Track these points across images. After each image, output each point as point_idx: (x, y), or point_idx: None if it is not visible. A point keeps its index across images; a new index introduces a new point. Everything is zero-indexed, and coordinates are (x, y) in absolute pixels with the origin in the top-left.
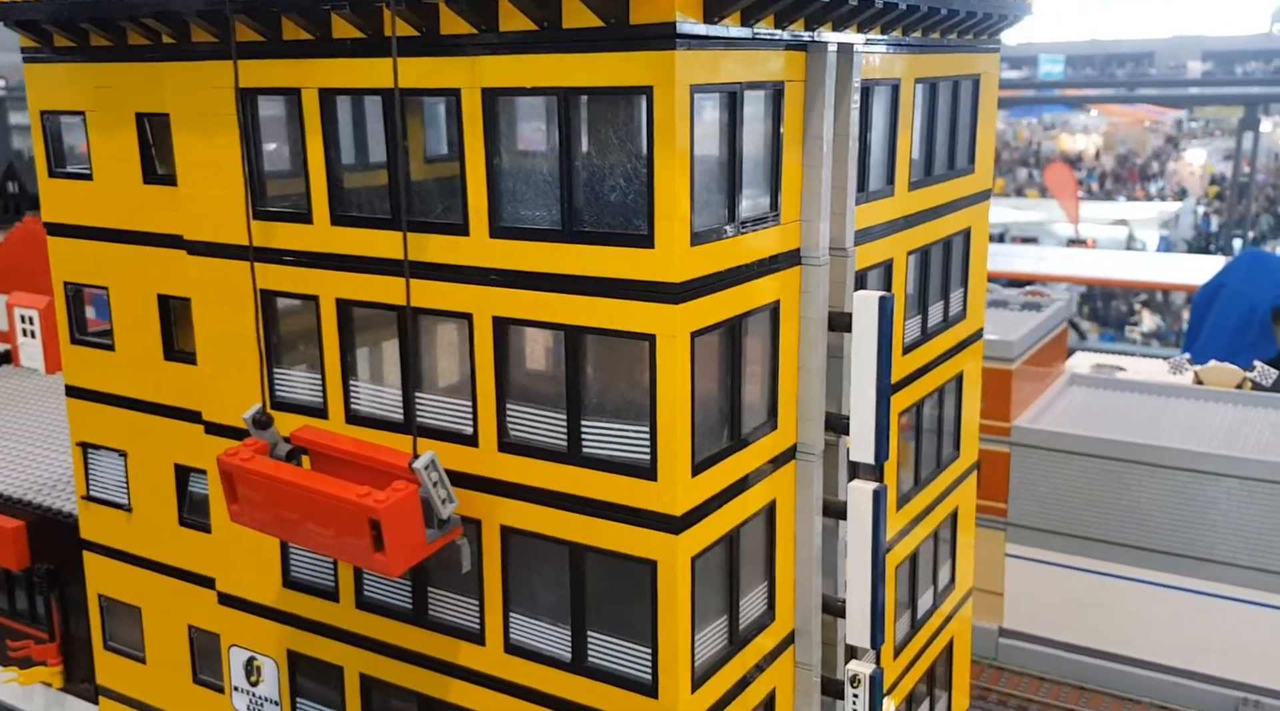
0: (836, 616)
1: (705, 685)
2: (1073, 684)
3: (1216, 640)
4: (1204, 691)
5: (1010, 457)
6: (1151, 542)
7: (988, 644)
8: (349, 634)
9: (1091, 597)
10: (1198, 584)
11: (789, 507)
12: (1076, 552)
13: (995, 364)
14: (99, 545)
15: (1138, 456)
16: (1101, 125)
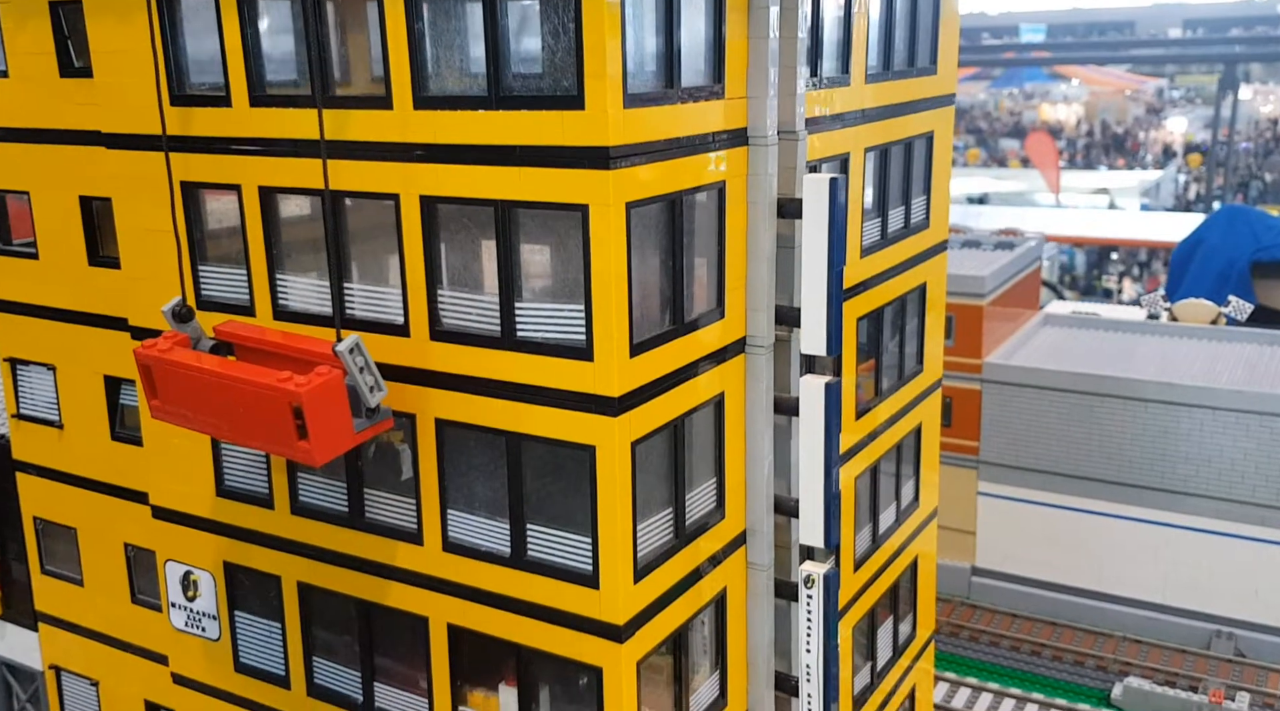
0: (790, 516)
1: (649, 577)
2: (1045, 620)
3: (1189, 573)
4: (1177, 625)
5: (982, 395)
6: (1124, 477)
7: (959, 582)
8: (285, 541)
9: (1063, 534)
10: (1170, 517)
11: (739, 402)
12: (1049, 489)
13: (967, 300)
14: (32, 465)
15: (1111, 390)
16: (1083, 95)
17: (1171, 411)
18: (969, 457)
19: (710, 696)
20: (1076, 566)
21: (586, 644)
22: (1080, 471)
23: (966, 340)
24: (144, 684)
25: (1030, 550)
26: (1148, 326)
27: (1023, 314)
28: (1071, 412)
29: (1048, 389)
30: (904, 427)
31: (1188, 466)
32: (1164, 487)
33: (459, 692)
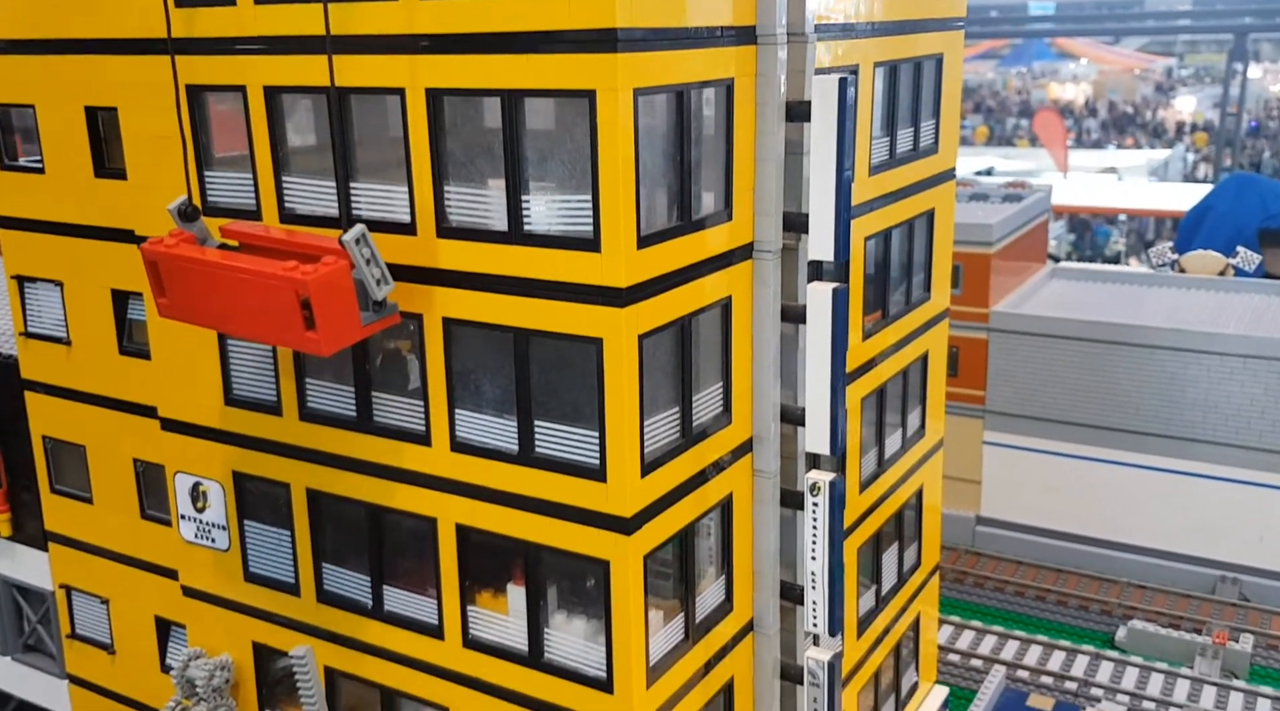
0: (796, 425)
1: (656, 473)
2: (1049, 567)
3: (1194, 519)
4: (1182, 571)
5: (988, 344)
6: (1131, 424)
7: (964, 531)
8: (293, 448)
9: (1069, 482)
10: (1176, 464)
11: (745, 307)
12: (1055, 438)
13: (974, 248)
14: (40, 384)
15: (1118, 337)
16: (1091, 74)
17: (1179, 358)
18: (975, 407)
19: (716, 600)
20: (1081, 514)
21: (594, 538)
22: (1087, 419)
23: (974, 289)
24: (154, 599)
25: (1035, 499)
26: (1156, 278)
27: (1030, 266)
28: (1079, 360)
29: (1055, 337)
30: (910, 354)
31: (1195, 412)
32: (1170, 434)
33: (468, 593)
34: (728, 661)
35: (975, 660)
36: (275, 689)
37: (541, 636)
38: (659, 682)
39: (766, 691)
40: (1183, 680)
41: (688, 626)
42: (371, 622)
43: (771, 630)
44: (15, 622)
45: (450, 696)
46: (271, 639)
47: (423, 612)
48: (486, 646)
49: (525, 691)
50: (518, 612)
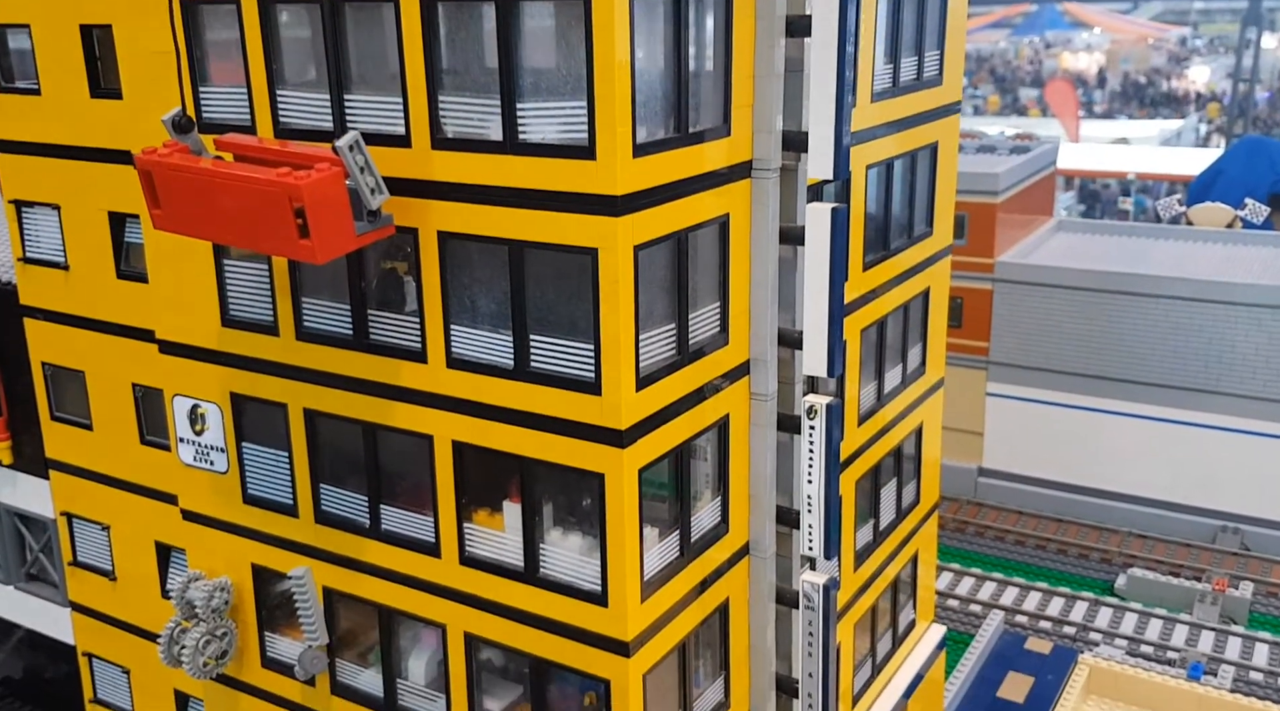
0: (794, 348)
1: (651, 388)
2: (1050, 517)
3: (1197, 470)
4: (1183, 521)
5: (993, 294)
6: (1136, 374)
7: (966, 483)
8: (290, 368)
9: (1072, 433)
10: (1179, 414)
11: (744, 227)
12: (1058, 389)
13: (980, 198)
14: (39, 310)
15: (1124, 286)
16: (1104, 43)
17: (1185, 307)
18: (978, 358)
19: (711, 521)
20: (1084, 465)
21: (589, 451)
22: (1091, 370)
23: (979, 239)
24: (154, 525)
25: (1038, 450)
26: (1163, 230)
27: (1036, 219)
28: (1084, 311)
29: (1061, 287)
30: (912, 289)
31: (1199, 362)
32: (1175, 384)
33: (464, 511)
34: (723, 583)
35: (974, 605)
36: (275, 612)
37: (537, 552)
38: (653, 598)
39: (761, 614)
40: (1181, 625)
41: (682, 545)
42: (369, 542)
43: (767, 553)
44: (18, 551)
45: (447, 613)
46: (270, 561)
47: (420, 531)
48: (483, 563)
49: (521, 607)
50: (514, 529)
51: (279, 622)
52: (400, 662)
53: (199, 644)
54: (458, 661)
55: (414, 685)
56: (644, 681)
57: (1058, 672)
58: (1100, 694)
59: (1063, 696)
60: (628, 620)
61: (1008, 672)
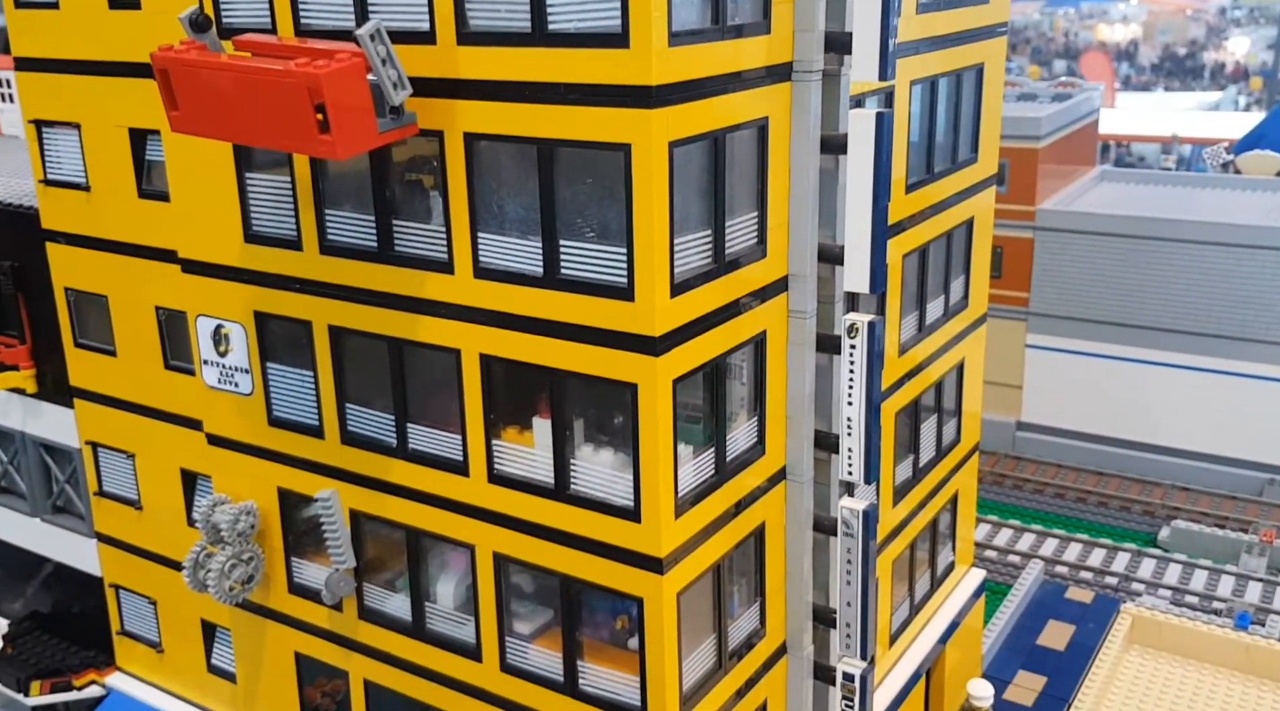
0: (834, 264)
1: (685, 295)
2: (1091, 470)
3: (1243, 421)
4: (1229, 474)
5: (1034, 243)
6: (1180, 324)
7: (1004, 437)
8: (314, 283)
9: (1114, 385)
10: (1225, 364)
11: (783, 131)
12: (1100, 339)
13: (1022, 143)
14: (61, 233)
15: (1169, 233)
16: (1141, 14)
17: (1232, 253)
18: (1018, 309)
19: (747, 441)
20: (1125, 418)
21: (621, 360)
22: (1136, 320)
23: (1020, 186)
24: (179, 451)
25: (1079, 403)
26: (1210, 179)
27: (1078, 168)
28: (1127, 259)
29: (1104, 235)
30: (955, 217)
31: (1246, 311)
32: (1221, 334)
33: (493, 428)
34: (758, 506)
35: (1012, 556)
36: (301, 537)
37: (568, 468)
38: (687, 516)
39: (798, 541)
40: (1227, 576)
41: (717, 464)
42: (396, 462)
43: (805, 478)
44: (44, 483)
45: (476, 534)
46: (296, 484)
47: (447, 449)
48: (512, 481)
49: (551, 524)
50: (544, 445)
51: (306, 548)
52: (429, 586)
53: (225, 567)
54: (487, 583)
55: (443, 609)
56: (677, 600)
57: (1099, 621)
58: (1144, 643)
59: (1104, 645)
60: (661, 536)
61: (1048, 621)
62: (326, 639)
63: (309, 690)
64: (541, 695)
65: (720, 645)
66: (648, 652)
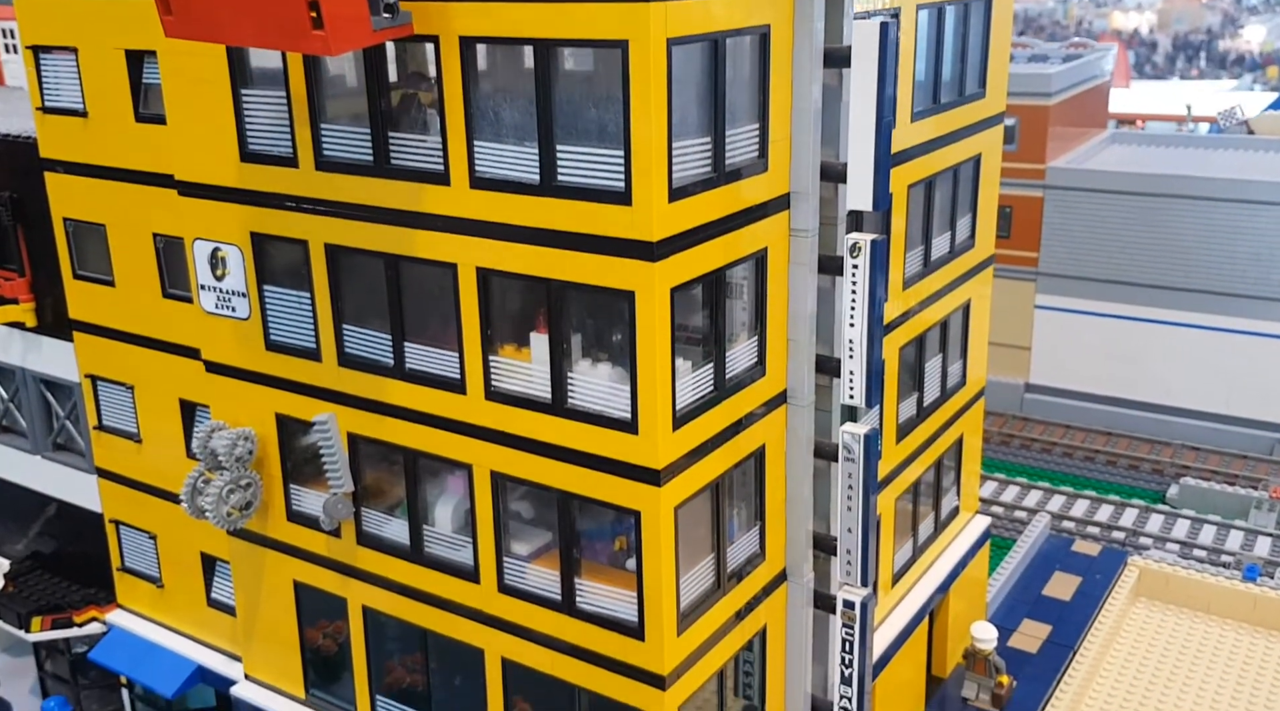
0: (836, 182)
1: (684, 201)
2: (1099, 430)
3: (1255, 380)
4: (1239, 434)
5: (1044, 202)
6: (1191, 282)
7: (1012, 399)
8: (311, 201)
9: (1124, 346)
10: (1237, 323)
11: (785, 41)
12: (1110, 299)
13: (1032, 100)
14: (60, 162)
15: (1181, 190)
16: (1156, 2)
17: (1245, 210)
18: (1027, 270)
19: (747, 362)
20: (1135, 378)
21: (619, 268)
22: (1147, 279)
23: (1030, 144)
24: (178, 382)
25: (1088, 364)
26: (1222, 141)
27: (1089, 131)
28: (1140, 217)
29: (1115, 192)
30: (962, 152)
31: (1259, 268)
32: (1233, 291)
33: (490, 345)
34: (759, 428)
35: (1019, 512)
36: (300, 466)
37: (565, 382)
38: (685, 429)
39: (799, 465)
40: (1236, 531)
41: (716, 381)
42: (393, 383)
43: (805, 401)
44: (45, 420)
45: (473, 452)
46: (294, 409)
47: (445, 368)
48: (510, 397)
49: (548, 440)
50: (541, 360)
51: (304, 476)
52: (427, 510)
53: (222, 493)
54: (484, 503)
55: (441, 532)
56: (675, 514)
57: (1106, 573)
58: (1150, 596)
59: (1111, 596)
60: (658, 448)
61: (1054, 572)
62: (325, 566)
63: (310, 632)
64: (539, 614)
65: (719, 565)
66: (645, 568)
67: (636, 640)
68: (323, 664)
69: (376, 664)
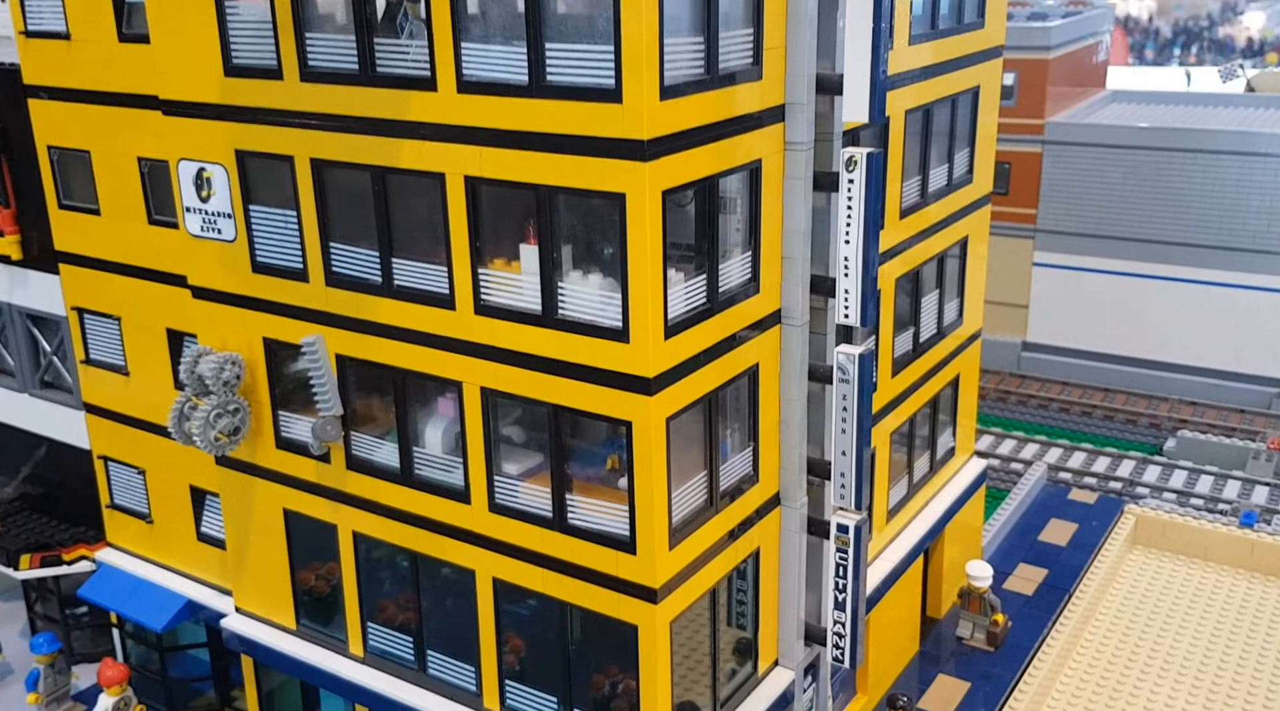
0: (833, 94)
1: (676, 100)
2: (1097, 386)
3: (1254, 335)
4: (1237, 389)
5: (1043, 158)
6: (1191, 237)
7: (1009, 357)
8: (296, 114)
9: (1122, 303)
10: (1237, 277)
11: None
12: (1110, 255)
13: (1031, 54)
14: (43, 87)
15: (1181, 143)
16: None
17: (1246, 162)
18: (1026, 226)
19: (741, 277)
20: (1134, 335)
21: (609, 169)
22: (1146, 234)
23: (1029, 99)
24: (165, 312)
25: (1086, 321)
26: (1223, 98)
27: (1088, 90)
28: (1138, 172)
29: (1114, 147)
30: (961, 81)
31: (1259, 222)
32: (1233, 246)
33: (479, 258)
34: (752, 346)
35: (1015, 463)
36: (289, 393)
37: (556, 293)
38: (677, 339)
39: (794, 385)
40: (1234, 481)
41: (709, 293)
42: (381, 301)
43: (800, 321)
44: (32, 356)
45: (462, 369)
46: (282, 332)
47: (433, 283)
48: (500, 310)
49: (538, 352)
50: (531, 272)
51: (293, 402)
52: (416, 432)
53: (209, 416)
54: (474, 421)
55: (431, 453)
56: (667, 426)
57: (1103, 520)
58: (1147, 543)
59: (1107, 542)
60: (649, 356)
61: (1050, 519)
62: (315, 493)
63: (303, 573)
64: (530, 532)
65: (711, 483)
66: (636, 481)
67: (628, 554)
68: (314, 594)
69: (368, 592)
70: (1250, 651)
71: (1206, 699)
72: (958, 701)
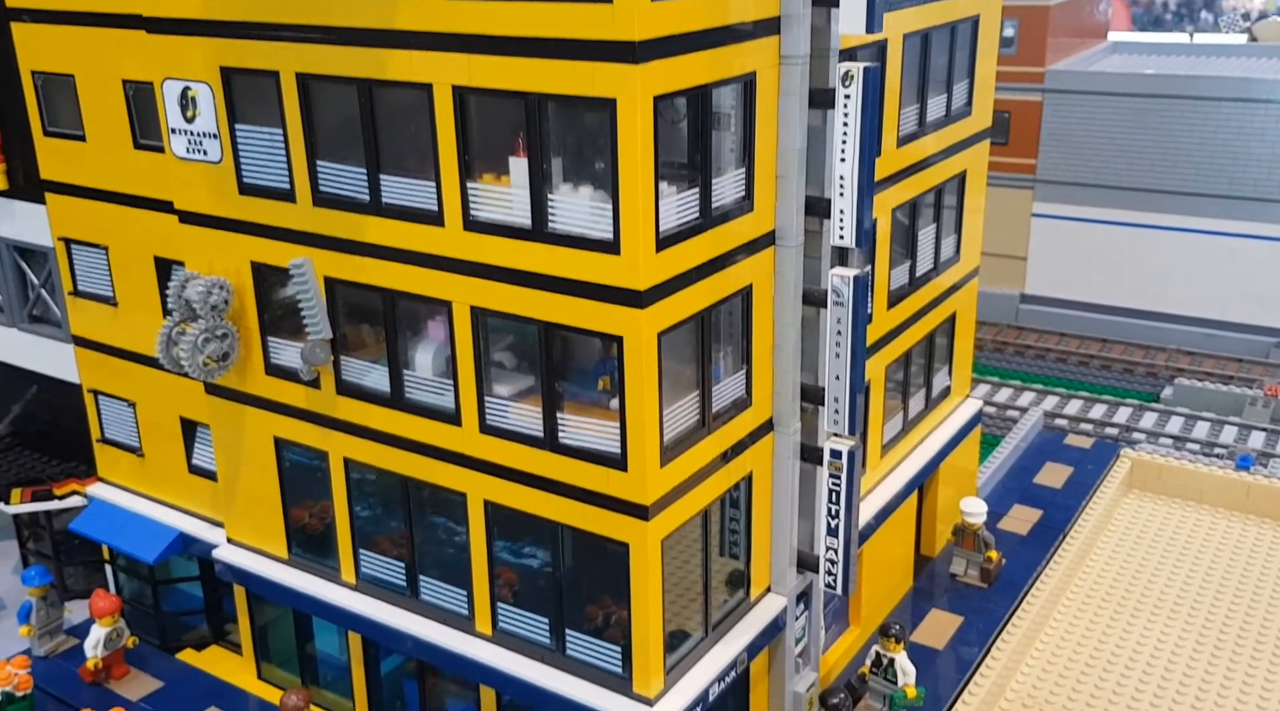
0: (829, 6)
1: (668, 2)
2: (1094, 336)
3: (1253, 285)
4: (1235, 340)
5: (1043, 107)
6: (1191, 186)
7: (1007, 309)
8: (280, 27)
9: (1121, 253)
10: (1237, 226)
11: None
12: (1109, 205)
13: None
14: (26, 10)
15: (1183, 90)
16: None
17: (1248, 109)
18: (1025, 177)
19: (735, 193)
20: (1132, 286)
21: (600, 74)
22: (1147, 183)
23: (1030, 47)
24: (152, 239)
25: (1085, 272)
26: (1225, 49)
27: (1089, 41)
28: (1141, 120)
29: (1115, 94)
30: (958, 9)
31: (1260, 169)
32: (1233, 194)
33: (468, 172)
34: (745, 266)
35: (1012, 411)
36: (278, 319)
37: (546, 206)
38: (669, 253)
39: (787, 308)
40: (1230, 426)
41: (702, 207)
42: (370, 220)
43: (794, 242)
44: (20, 290)
45: (452, 288)
46: (270, 255)
47: (422, 200)
48: (488, 225)
49: (528, 268)
50: (520, 185)
51: (282, 329)
52: (406, 354)
53: (198, 341)
54: (464, 341)
55: (421, 376)
56: (659, 341)
57: (1099, 464)
58: (1143, 487)
59: (1102, 485)
60: (640, 267)
61: (1045, 463)
62: (305, 419)
63: (296, 511)
64: (521, 453)
65: (703, 404)
66: (628, 397)
67: (619, 471)
68: (306, 524)
69: (359, 519)
70: (1244, 591)
71: (1198, 637)
72: (950, 634)
